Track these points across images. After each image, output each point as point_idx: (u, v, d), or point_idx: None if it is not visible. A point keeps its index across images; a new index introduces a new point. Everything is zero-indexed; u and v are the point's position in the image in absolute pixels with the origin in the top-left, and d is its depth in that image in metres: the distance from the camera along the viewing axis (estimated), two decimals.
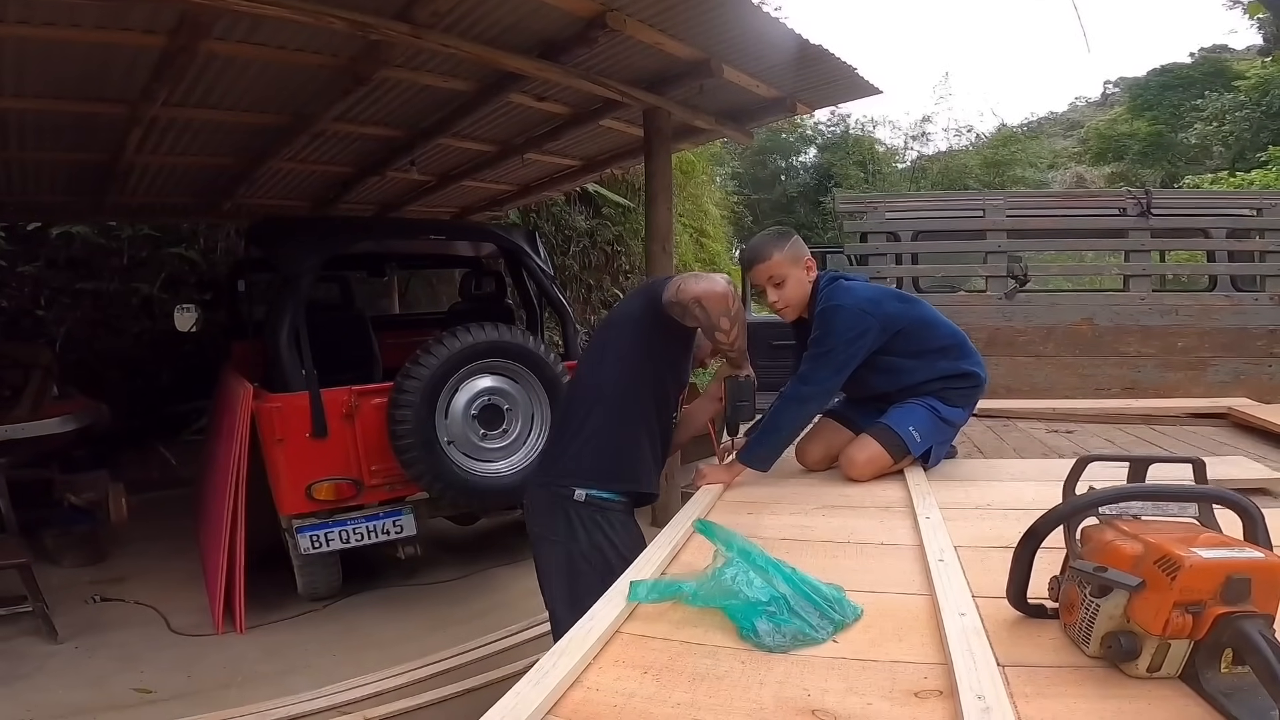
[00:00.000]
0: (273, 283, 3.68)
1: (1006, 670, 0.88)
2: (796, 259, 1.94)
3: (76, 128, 3.99)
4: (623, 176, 9.25)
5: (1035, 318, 3.81)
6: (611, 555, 1.72)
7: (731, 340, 1.75)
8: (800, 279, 1.95)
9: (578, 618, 1.12)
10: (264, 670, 2.92)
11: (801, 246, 1.97)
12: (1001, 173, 17.40)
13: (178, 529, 4.36)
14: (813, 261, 1.97)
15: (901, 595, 1.16)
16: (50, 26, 2.82)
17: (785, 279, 1.93)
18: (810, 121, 19.25)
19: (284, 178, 5.62)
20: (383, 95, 4.04)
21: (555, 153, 5.57)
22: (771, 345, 5.22)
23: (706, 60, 3.76)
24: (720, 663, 0.98)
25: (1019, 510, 1.49)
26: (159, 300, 6.53)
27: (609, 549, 1.74)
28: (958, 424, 2.02)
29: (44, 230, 6.32)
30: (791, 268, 1.93)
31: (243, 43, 3.17)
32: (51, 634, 3.17)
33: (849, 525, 1.53)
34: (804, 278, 1.95)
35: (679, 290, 1.66)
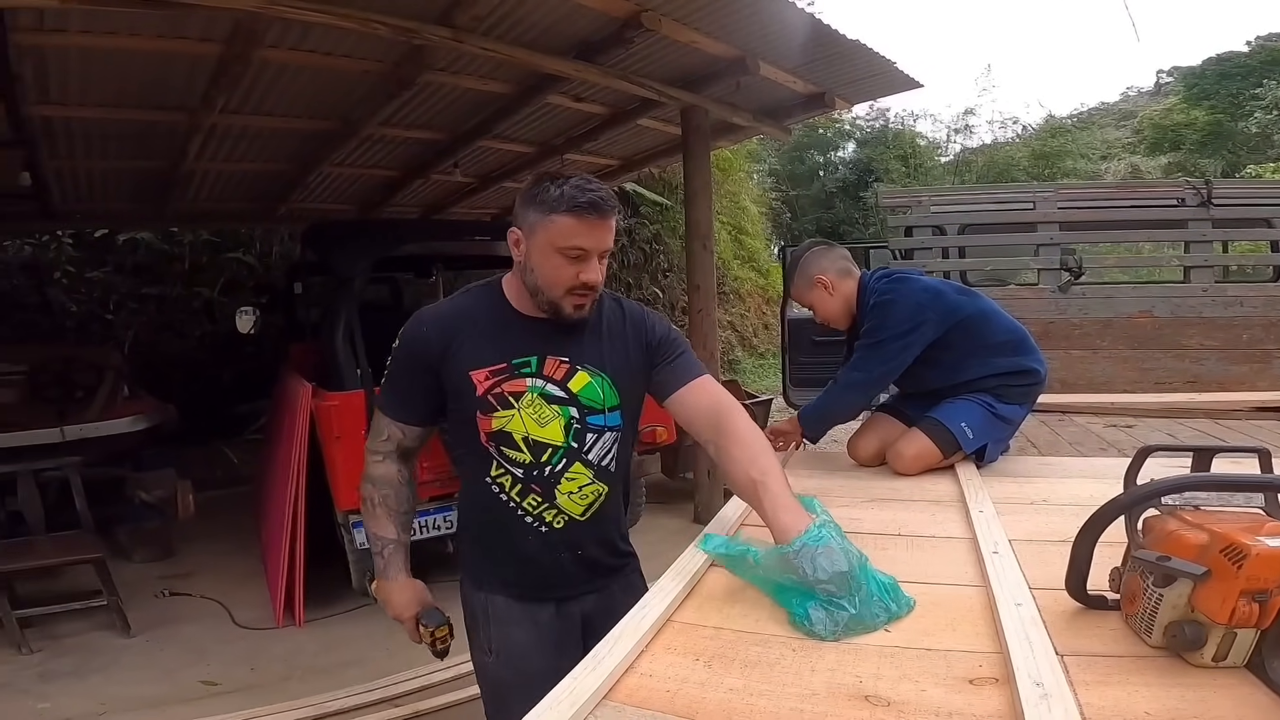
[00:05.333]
0: (327, 285, 3.81)
1: (1065, 659, 0.87)
2: (810, 284, 1.99)
3: (140, 136, 4.21)
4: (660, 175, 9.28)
5: (1091, 310, 3.70)
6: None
7: None
8: (821, 298, 1.99)
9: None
10: (321, 663, 3.01)
11: (812, 266, 1.99)
12: (1051, 164, 16.87)
13: (240, 525, 4.53)
14: (828, 277, 1.97)
15: (954, 586, 1.15)
16: (112, 35, 2.96)
17: (811, 304, 2.01)
18: (848, 116, 19.00)
19: (334, 182, 5.83)
20: (426, 99, 4.16)
21: (594, 152, 5.65)
22: (814, 341, 5.21)
23: (743, 58, 3.77)
24: (771, 650, 0.99)
25: (1076, 506, 1.45)
26: (219, 304, 6.83)
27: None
28: (1015, 421, 1.98)
29: (111, 237, 6.69)
30: (808, 293, 2.00)
31: (293, 50, 3.31)
32: (124, 627, 3.30)
33: (899, 518, 1.52)
34: (824, 296, 1.99)
35: None
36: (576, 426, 1.32)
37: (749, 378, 9.97)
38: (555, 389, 1.30)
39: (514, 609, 1.37)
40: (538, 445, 1.30)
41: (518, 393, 1.29)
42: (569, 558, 1.37)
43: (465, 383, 1.28)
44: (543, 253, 1.25)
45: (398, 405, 1.36)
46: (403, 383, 1.34)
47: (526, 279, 1.29)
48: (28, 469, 3.38)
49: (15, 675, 2.96)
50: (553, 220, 1.22)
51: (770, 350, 11.39)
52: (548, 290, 1.27)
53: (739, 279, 12.12)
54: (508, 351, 1.30)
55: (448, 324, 1.31)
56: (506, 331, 1.31)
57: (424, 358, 1.30)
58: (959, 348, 1.90)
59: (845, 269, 2.00)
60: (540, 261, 1.25)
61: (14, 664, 3.04)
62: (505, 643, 1.36)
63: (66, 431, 3.98)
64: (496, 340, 1.30)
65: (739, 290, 12.02)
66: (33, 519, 3.37)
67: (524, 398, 1.29)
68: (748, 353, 11.34)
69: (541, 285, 1.27)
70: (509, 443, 1.29)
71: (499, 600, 1.37)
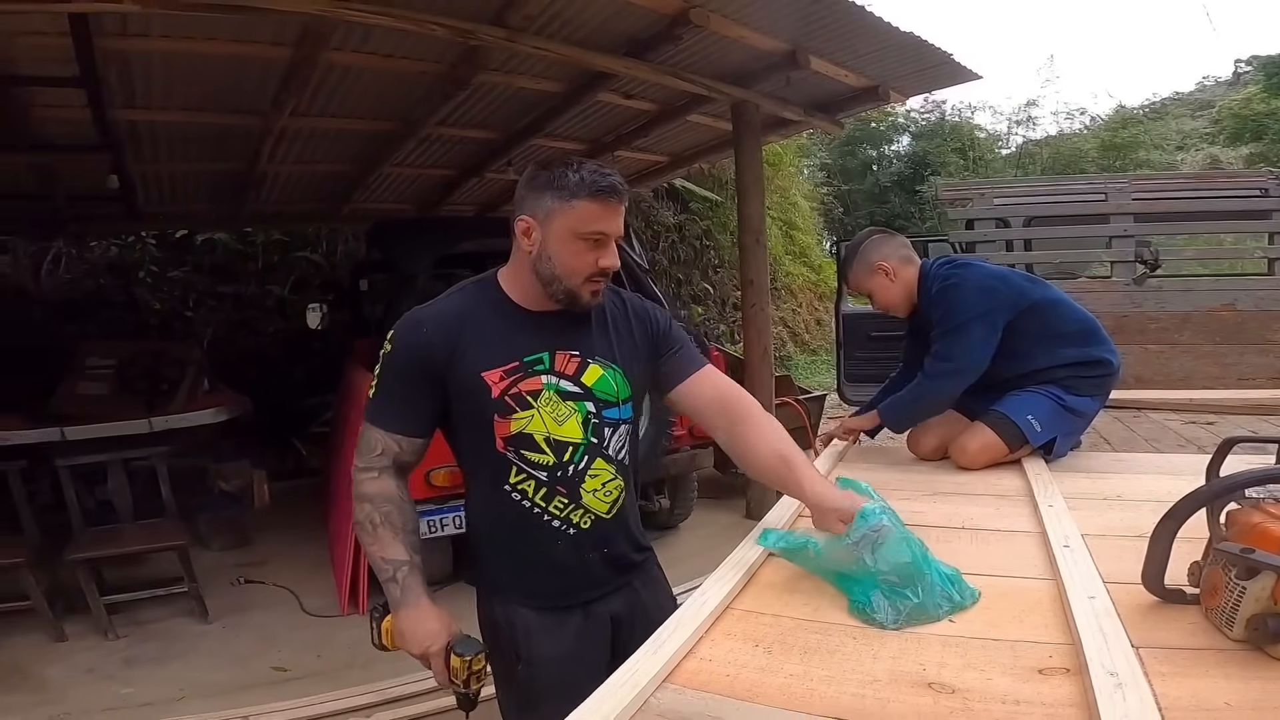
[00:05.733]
0: (390, 281, 3.93)
1: (1141, 651, 0.85)
2: (869, 270, 1.95)
3: (217, 139, 4.42)
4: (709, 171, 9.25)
5: (1168, 304, 3.54)
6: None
7: None
8: (882, 285, 1.95)
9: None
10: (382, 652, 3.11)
11: (872, 252, 1.96)
12: (1123, 156, 16.08)
13: (309, 516, 4.68)
14: (890, 264, 1.93)
15: (1022, 579, 1.13)
16: (190, 40, 3.11)
17: (870, 291, 1.98)
18: (902, 109, 18.55)
19: (394, 182, 6.02)
20: (481, 99, 4.26)
21: (644, 149, 5.67)
22: (870, 337, 5.12)
23: (793, 52, 3.74)
24: (832, 638, 0.99)
25: (1153, 502, 1.38)
26: (289, 301, 7.13)
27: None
28: (1086, 414, 1.91)
29: (190, 237, 7.07)
30: (868, 280, 1.96)
31: (356, 52, 3.43)
32: (203, 614, 3.40)
33: (963, 512, 1.50)
34: (885, 283, 1.95)
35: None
36: (595, 421, 1.26)
37: (801, 374, 9.84)
38: (569, 385, 1.24)
39: (542, 619, 1.29)
40: (559, 444, 1.23)
41: (535, 391, 1.22)
42: (596, 557, 1.31)
43: (478, 385, 1.20)
44: (562, 240, 1.19)
45: (394, 416, 1.23)
46: (400, 391, 1.22)
47: (540, 268, 1.22)
48: (118, 458, 3.53)
49: (102, 660, 3.07)
50: (573, 206, 1.18)
51: (823, 347, 11.21)
52: (567, 278, 1.21)
53: (790, 275, 11.97)
54: (518, 349, 1.23)
55: (450, 324, 1.21)
56: (512, 328, 1.24)
57: (427, 362, 1.20)
58: (1027, 336, 1.85)
59: (907, 256, 1.96)
60: (559, 249, 1.20)
61: (101, 649, 3.16)
62: (535, 651, 1.28)
63: (154, 423, 4.18)
64: (504, 338, 1.23)
65: (791, 286, 11.87)
66: (122, 507, 3.51)
67: (541, 396, 1.22)
68: (800, 349, 11.19)
69: (560, 273, 1.21)
70: (530, 445, 1.22)
71: (525, 612, 1.29)
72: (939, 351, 1.87)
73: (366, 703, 2.61)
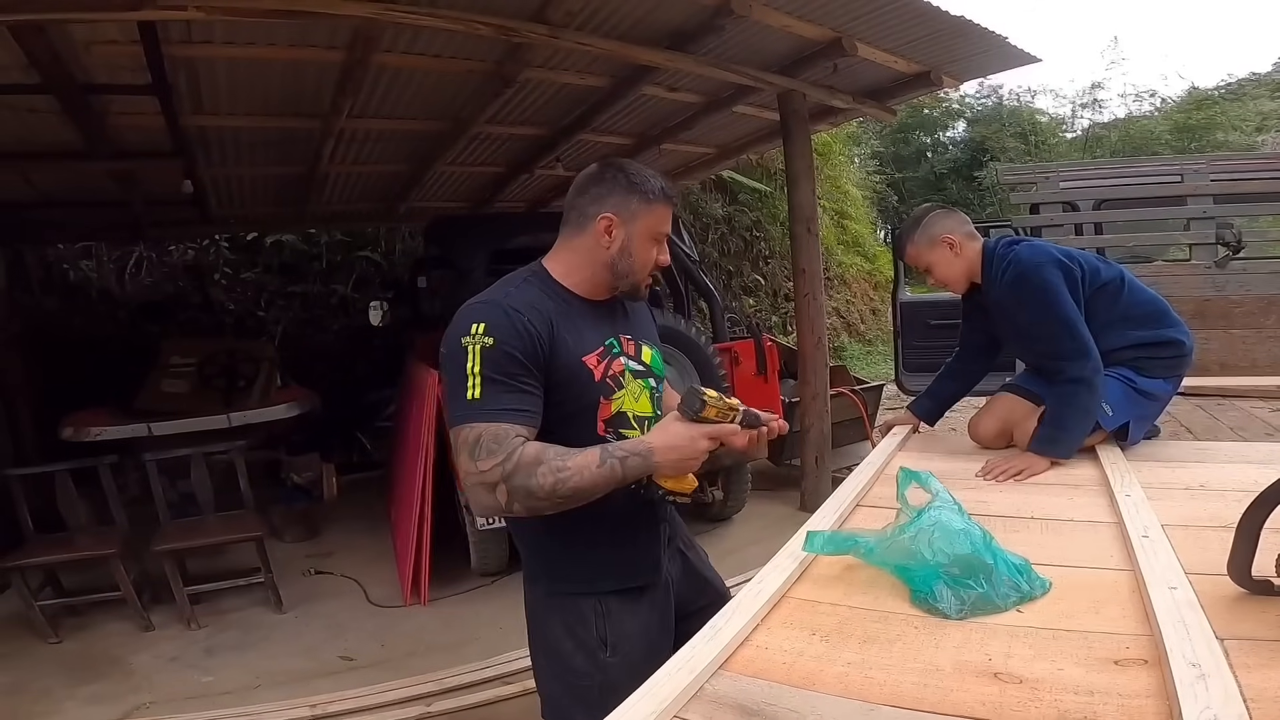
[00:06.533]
0: (448, 277, 4.02)
1: (1225, 643, 0.81)
2: (932, 242, 1.87)
3: (280, 142, 4.58)
4: (757, 162, 9.13)
5: (1254, 287, 3.33)
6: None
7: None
8: (945, 258, 1.87)
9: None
10: (443, 641, 3.16)
11: (936, 225, 1.87)
12: (1198, 138, 15.22)
13: (373, 508, 4.82)
14: (955, 237, 1.85)
15: (1096, 570, 1.08)
16: (251, 45, 3.22)
17: (930, 264, 1.89)
18: (956, 95, 17.99)
19: (447, 180, 6.16)
20: (527, 95, 4.30)
21: (690, 141, 5.64)
22: (929, 325, 4.97)
23: (839, 39, 3.66)
24: (892, 627, 0.98)
25: (1239, 491, 1.31)
26: (352, 299, 7.39)
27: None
28: (1161, 397, 1.82)
29: (259, 239, 7.39)
30: (929, 253, 1.88)
31: (406, 53, 3.50)
32: (277, 604, 3.50)
33: (1031, 501, 1.44)
34: (948, 256, 1.86)
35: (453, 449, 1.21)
36: (657, 395, 1.37)
37: (856, 364, 9.64)
38: (636, 364, 1.33)
39: (625, 602, 1.32)
40: (640, 420, 1.31)
41: (619, 373, 1.29)
42: (665, 524, 1.40)
43: (580, 370, 1.23)
44: (643, 238, 1.28)
45: (519, 410, 1.15)
46: (519, 383, 1.16)
47: (619, 263, 1.27)
48: (199, 452, 3.65)
49: (185, 649, 3.19)
50: (654, 209, 1.27)
51: (879, 337, 10.96)
52: (637, 273, 1.29)
53: (843, 264, 11.73)
54: (600, 335, 1.29)
55: (539, 315, 1.20)
56: (584, 317, 1.28)
57: (534, 353, 1.17)
58: (1098, 317, 1.76)
59: (970, 233, 1.88)
60: (640, 247, 1.28)
61: (183, 639, 3.27)
62: (621, 631, 1.30)
63: (232, 418, 4.39)
64: (583, 325, 1.27)
65: (844, 276, 11.64)
66: (204, 500, 3.64)
67: (623, 377, 1.29)
68: (855, 339, 10.97)
69: (635, 268, 1.29)
70: (625, 423, 1.28)
71: (611, 600, 1.31)
72: (1060, 352, 1.71)
73: (427, 691, 2.68)
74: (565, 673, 1.31)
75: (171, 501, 3.74)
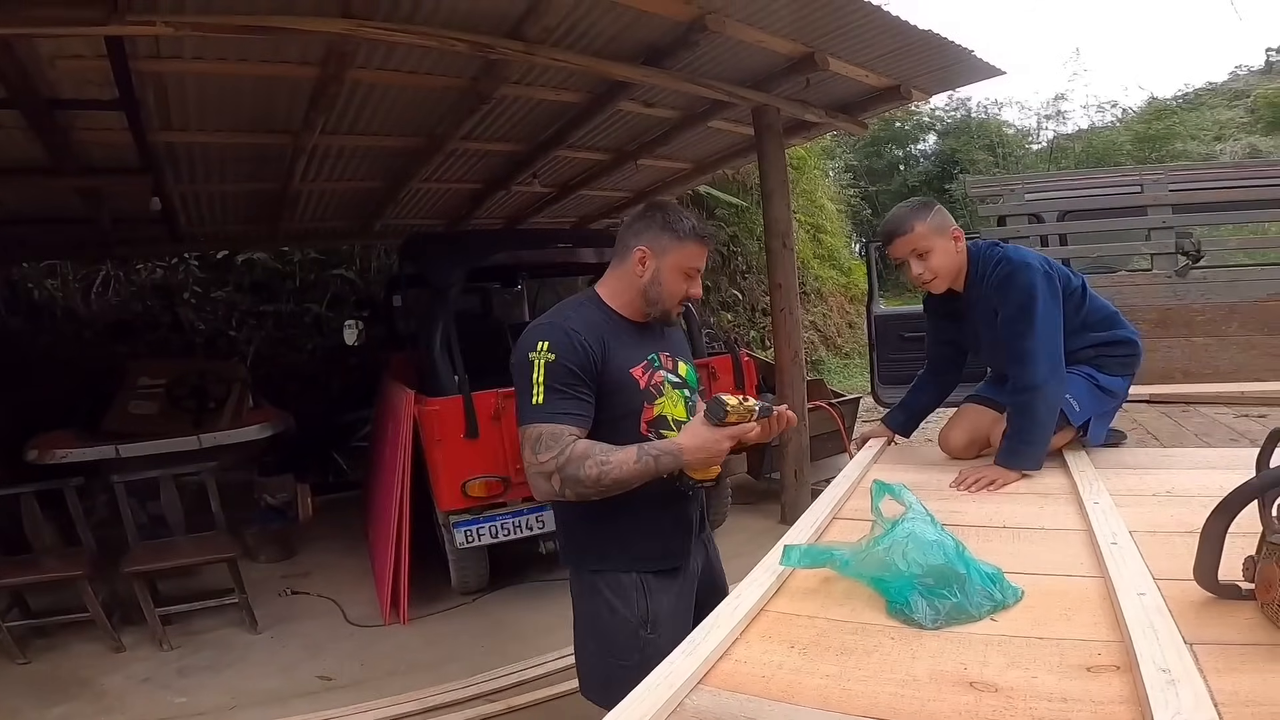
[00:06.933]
0: (424, 296, 3.99)
1: (1195, 648, 0.82)
2: (942, 228, 1.79)
3: (252, 159, 4.52)
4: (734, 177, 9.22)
5: (1214, 295, 3.42)
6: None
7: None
8: (948, 248, 1.79)
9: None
10: (424, 659, 3.13)
11: (946, 216, 1.80)
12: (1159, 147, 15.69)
13: (350, 528, 4.77)
14: (960, 231, 1.83)
15: (1067, 577, 1.10)
16: (222, 61, 3.19)
17: (930, 250, 1.79)
18: (926, 108, 18.37)
19: (423, 197, 6.12)
20: (503, 112, 4.30)
21: (667, 156, 5.67)
22: (902, 337, 5.04)
23: (811, 54, 3.72)
24: (869, 638, 0.98)
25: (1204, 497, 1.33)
26: (326, 318, 7.30)
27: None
28: (1119, 394, 1.88)
29: (230, 258, 7.27)
30: (937, 238, 1.78)
31: (380, 69, 3.48)
32: (252, 624, 3.49)
33: (1002, 511, 1.46)
34: (952, 247, 1.80)
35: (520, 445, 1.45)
36: (691, 403, 1.60)
37: (834, 377, 9.72)
38: (674, 377, 1.58)
39: (662, 578, 1.54)
40: (678, 423, 1.52)
41: (660, 383, 1.54)
42: (696, 519, 1.63)
43: (628, 380, 1.48)
44: (672, 272, 1.51)
45: (568, 413, 1.39)
46: (575, 392, 1.40)
47: (650, 291, 1.51)
48: (169, 474, 3.63)
49: (157, 670, 3.16)
50: (684, 246, 1.50)
51: (855, 350, 11.08)
52: (666, 301, 1.53)
53: (820, 278, 11.87)
54: (643, 351, 1.53)
55: (593, 333, 1.44)
56: (630, 335, 1.52)
57: (588, 366, 1.41)
58: (1066, 322, 1.80)
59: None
60: (669, 278, 1.51)
61: (155, 659, 3.24)
62: (661, 613, 1.51)
63: (203, 439, 4.32)
64: (630, 343, 1.51)
65: (820, 290, 11.77)
66: (174, 521, 3.61)
67: (663, 386, 1.54)
68: (831, 352, 11.08)
69: (664, 296, 1.52)
70: (664, 425, 1.51)
71: (650, 578, 1.52)
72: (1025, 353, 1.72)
73: (408, 710, 2.65)
74: (608, 651, 1.51)
75: (141, 523, 3.70)
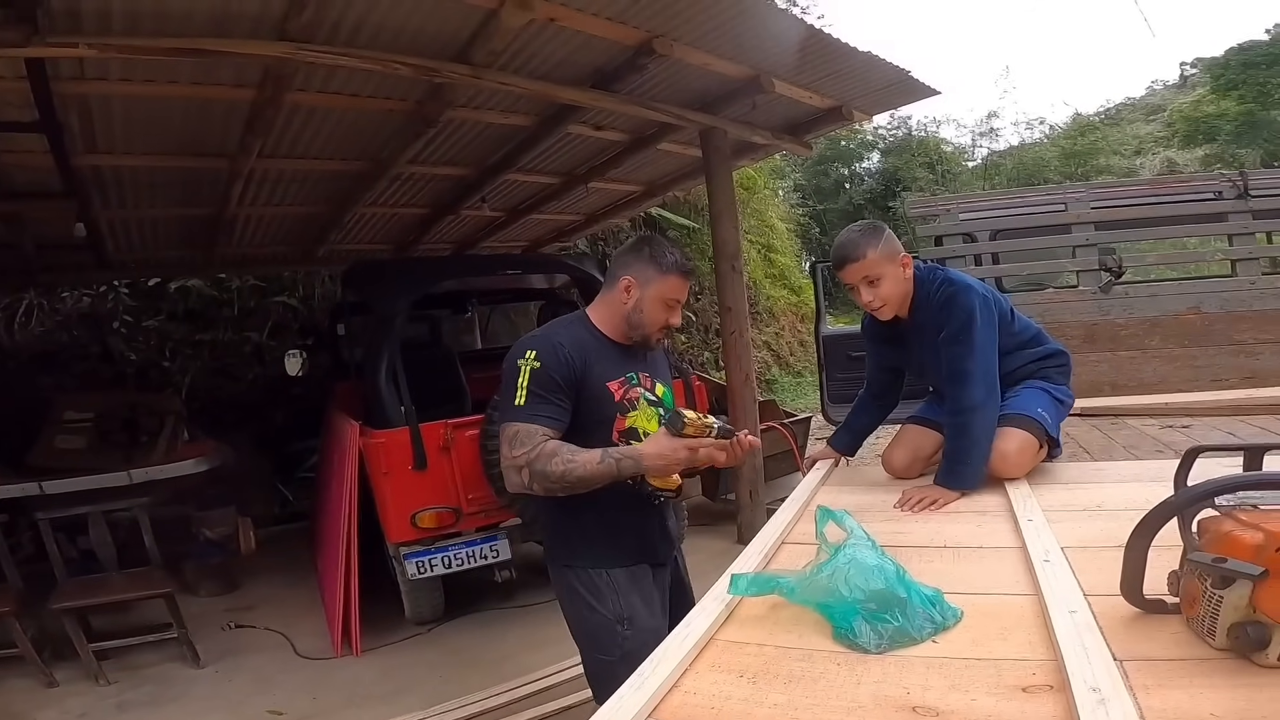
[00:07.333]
0: (368, 324, 3.91)
1: (1124, 664, 0.85)
2: (892, 255, 1.82)
3: (184, 183, 4.38)
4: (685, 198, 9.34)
5: (1137, 310, 3.60)
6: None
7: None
8: (897, 276, 1.82)
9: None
10: (379, 691, 3.07)
11: (896, 242, 1.84)
12: (1083, 163, 16.58)
13: (298, 560, 4.66)
14: (909, 258, 1.86)
15: (1004, 596, 1.13)
16: (151, 83, 3.09)
17: (881, 277, 1.81)
18: (869, 127, 19.02)
19: (368, 222, 6.01)
20: (450, 135, 4.27)
21: (617, 179, 5.71)
22: (849, 357, 5.15)
23: (756, 76, 3.80)
24: (816, 665, 0.99)
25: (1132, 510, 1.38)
26: (267, 347, 7.05)
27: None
28: (1068, 403, 1.96)
29: (163, 285, 6.97)
30: (888, 265, 1.81)
31: (321, 92, 3.42)
32: (194, 659, 3.41)
33: (944, 531, 1.50)
34: (900, 274, 1.83)
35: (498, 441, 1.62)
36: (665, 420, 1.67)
37: (787, 395, 9.86)
38: (650, 395, 1.72)
39: (630, 578, 1.66)
40: (647, 436, 1.63)
41: (634, 399, 1.68)
42: (661, 526, 1.76)
43: (605, 392, 1.63)
44: (654, 301, 1.65)
45: (547, 415, 1.53)
46: (554, 398, 1.55)
47: (632, 316, 1.66)
48: (99, 510, 3.55)
49: (94, 705, 3.07)
50: (667, 279, 1.65)
51: (807, 368, 11.27)
52: (646, 327, 1.67)
53: (771, 298, 12.06)
54: (622, 369, 1.67)
55: (577, 348, 1.60)
56: (612, 355, 1.67)
57: (569, 377, 1.56)
58: (1002, 344, 1.87)
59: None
60: (650, 307, 1.66)
61: (92, 695, 3.16)
62: (633, 610, 1.63)
63: (134, 475, 4.13)
64: (611, 361, 1.65)
65: (772, 309, 11.96)
66: (105, 556, 3.54)
67: (639, 402, 1.68)
68: (784, 371, 11.24)
69: (645, 323, 1.67)
70: (635, 436, 1.64)
71: (619, 573, 1.65)
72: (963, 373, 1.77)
73: None
74: (595, 648, 1.66)
75: (71, 559, 3.63)
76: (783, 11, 3.55)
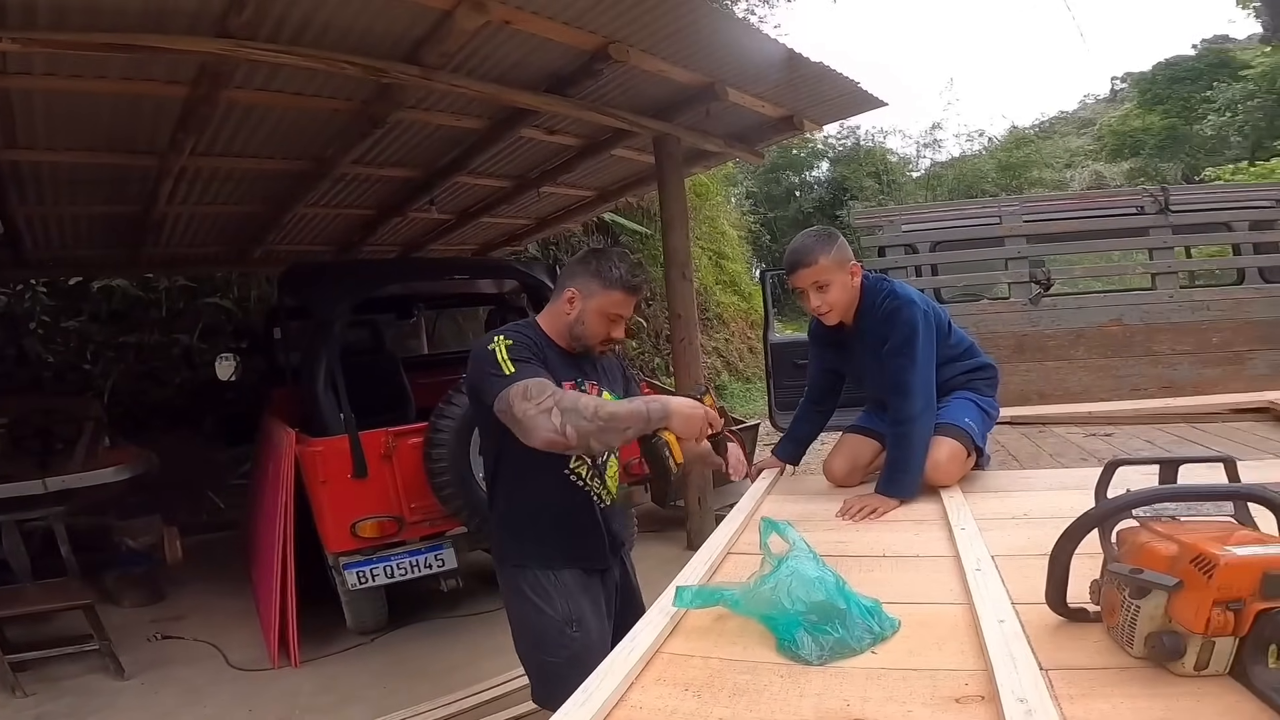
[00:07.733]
0: (306, 328, 3.79)
1: (1050, 673, 0.88)
2: (842, 263, 1.86)
3: (110, 180, 4.17)
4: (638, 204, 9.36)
5: (1063, 321, 3.77)
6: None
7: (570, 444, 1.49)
8: (846, 283, 1.87)
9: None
10: (321, 702, 2.99)
11: (847, 249, 1.88)
12: (1018, 175, 17.30)
13: (229, 568, 4.49)
14: (858, 266, 1.91)
15: (939, 605, 1.16)
16: (77, 79, 2.94)
17: (831, 283, 1.85)
18: (820, 136, 19.43)
19: (310, 223, 5.81)
20: (398, 136, 4.18)
21: (569, 184, 5.69)
22: (795, 365, 5.25)
23: (711, 84, 3.83)
24: (760, 677, 1.00)
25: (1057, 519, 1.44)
26: (198, 350, 6.75)
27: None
28: (995, 414, 2.04)
29: (85, 285, 6.60)
30: (838, 272, 1.85)
31: (261, 90, 3.30)
32: (118, 671, 3.29)
33: (883, 540, 1.53)
34: (849, 282, 1.88)
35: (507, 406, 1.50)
36: None
37: (737, 401, 9.98)
38: None
39: (578, 579, 1.69)
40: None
41: None
42: (608, 530, 1.76)
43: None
44: (595, 314, 1.66)
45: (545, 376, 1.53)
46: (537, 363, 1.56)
47: (575, 328, 1.67)
48: (11, 519, 3.42)
49: (11, 718, 2.97)
50: (610, 294, 1.65)
51: (757, 374, 11.42)
52: (588, 339, 1.68)
53: (722, 304, 12.18)
54: (570, 373, 1.67)
55: (537, 345, 1.63)
56: (562, 359, 1.68)
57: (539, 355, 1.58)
58: (938, 355, 1.93)
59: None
60: (592, 319, 1.66)
61: (10, 707, 3.04)
62: (580, 612, 1.65)
63: (49, 483, 3.93)
64: (562, 367, 1.65)
65: (722, 315, 12.08)
66: (19, 567, 3.43)
67: None
68: (734, 377, 11.36)
69: (586, 335, 1.67)
70: None
71: (566, 574, 1.67)
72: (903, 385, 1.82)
73: None
74: (540, 649, 1.66)
75: None
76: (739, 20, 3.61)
